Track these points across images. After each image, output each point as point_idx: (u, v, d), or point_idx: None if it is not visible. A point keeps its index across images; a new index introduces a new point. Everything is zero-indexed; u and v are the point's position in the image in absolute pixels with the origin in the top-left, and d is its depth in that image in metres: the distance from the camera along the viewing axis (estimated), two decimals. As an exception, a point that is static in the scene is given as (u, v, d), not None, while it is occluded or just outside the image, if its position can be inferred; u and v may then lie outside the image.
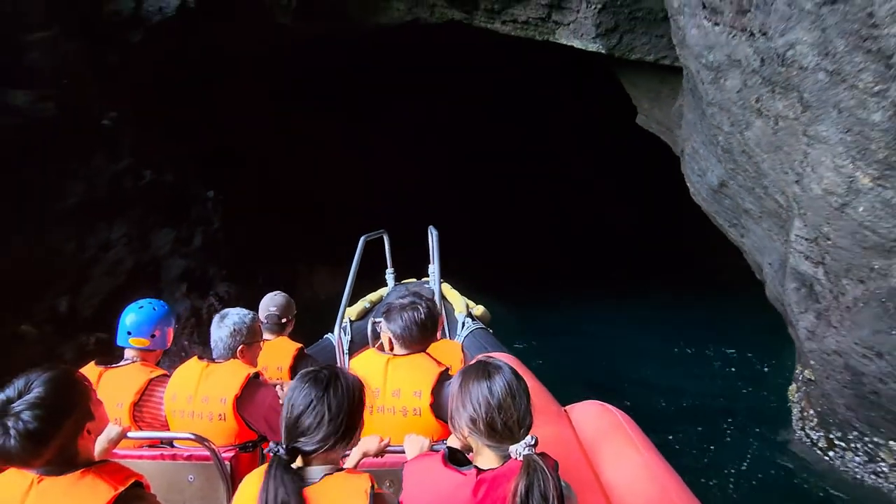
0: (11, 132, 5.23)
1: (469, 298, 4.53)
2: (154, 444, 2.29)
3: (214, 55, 7.18)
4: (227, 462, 2.08)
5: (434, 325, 2.24)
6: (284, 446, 1.39)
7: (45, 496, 1.37)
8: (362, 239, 4.31)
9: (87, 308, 5.51)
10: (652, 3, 5.73)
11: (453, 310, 4.21)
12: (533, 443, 1.36)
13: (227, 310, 2.46)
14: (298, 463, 1.43)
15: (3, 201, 5.10)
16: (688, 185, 5.57)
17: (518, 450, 1.36)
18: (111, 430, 1.95)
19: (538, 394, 2.42)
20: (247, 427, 2.22)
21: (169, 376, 2.36)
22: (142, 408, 2.31)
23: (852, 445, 4.03)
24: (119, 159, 6.34)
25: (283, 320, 3.10)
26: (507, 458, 1.39)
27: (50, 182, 5.58)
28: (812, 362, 4.04)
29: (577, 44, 6.51)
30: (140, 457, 2.12)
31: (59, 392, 1.40)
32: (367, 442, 1.84)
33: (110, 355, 2.53)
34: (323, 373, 1.49)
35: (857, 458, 4.01)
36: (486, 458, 1.43)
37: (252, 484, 1.42)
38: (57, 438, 1.38)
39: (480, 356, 1.64)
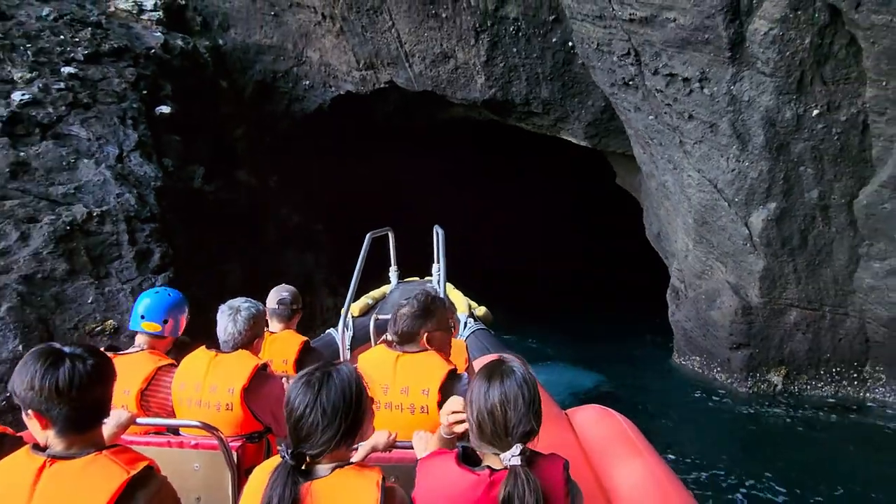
0: (243, 195, 8.80)
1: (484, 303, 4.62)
2: (160, 430, 2.27)
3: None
4: (234, 452, 2.05)
5: (427, 315, 2.19)
6: (289, 452, 1.38)
7: (59, 479, 1.34)
8: (368, 236, 4.39)
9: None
10: (619, 123, 9.32)
11: (455, 310, 4.16)
12: (519, 452, 1.34)
13: (235, 301, 2.42)
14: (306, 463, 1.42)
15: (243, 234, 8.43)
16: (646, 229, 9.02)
17: (506, 458, 1.35)
18: (120, 415, 1.94)
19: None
20: (253, 418, 2.21)
21: (176, 365, 2.35)
22: (148, 396, 2.30)
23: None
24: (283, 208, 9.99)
25: (294, 307, 3.13)
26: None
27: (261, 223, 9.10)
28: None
29: (573, 140, 10.07)
30: (147, 443, 2.10)
31: (101, 366, 1.45)
32: (377, 437, 1.83)
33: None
34: (315, 375, 1.45)
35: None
36: (490, 459, 1.42)
37: (260, 480, 1.41)
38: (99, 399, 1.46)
39: (497, 356, 1.65)
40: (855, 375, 5.67)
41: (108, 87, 6.92)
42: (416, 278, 5.36)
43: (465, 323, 4.18)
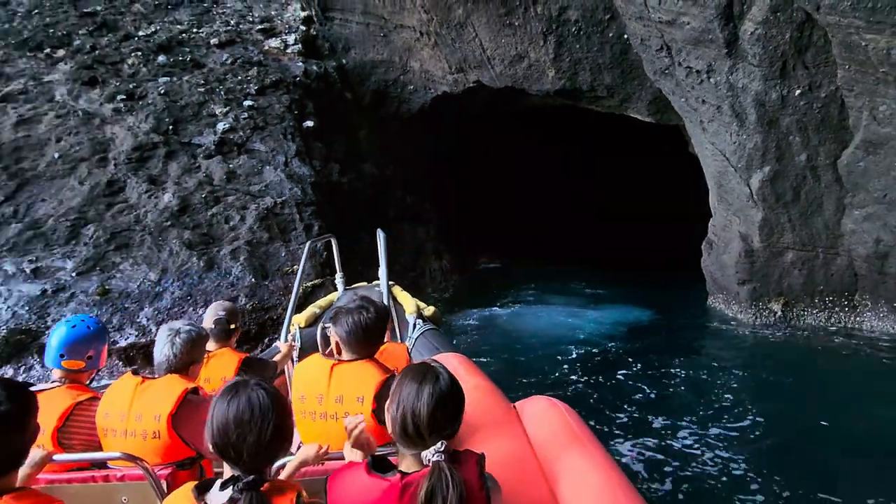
0: (368, 182, 11.47)
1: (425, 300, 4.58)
2: (84, 466, 2.15)
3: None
4: (163, 480, 1.98)
5: (382, 330, 2.21)
6: (243, 481, 1.31)
7: None
8: (308, 244, 4.46)
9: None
10: (675, 100, 10.64)
11: (404, 311, 4.20)
12: (442, 449, 1.35)
13: (176, 323, 2.34)
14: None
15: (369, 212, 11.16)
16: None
17: (427, 455, 1.35)
18: (34, 455, 1.85)
19: (488, 392, 2.59)
20: (183, 444, 2.12)
21: (98, 398, 2.24)
22: (69, 432, 2.17)
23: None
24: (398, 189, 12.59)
25: (232, 326, 3.04)
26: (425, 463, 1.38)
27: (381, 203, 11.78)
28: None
29: (639, 117, 11.55)
30: (69, 480, 2.02)
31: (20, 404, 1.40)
32: (306, 450, 1.81)
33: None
34: (226, 391, 1.40)
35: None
36: (408, 462, 1.42)
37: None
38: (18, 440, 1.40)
39: (425, 359, 1.65)
40: (846, 303, 6.90)
41: (273, 112, 9.80)
42: (364, 283, 5.51)
43: (414, 324, 4.05)
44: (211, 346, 2.90)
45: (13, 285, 6.30)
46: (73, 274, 6.59)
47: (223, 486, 1.32)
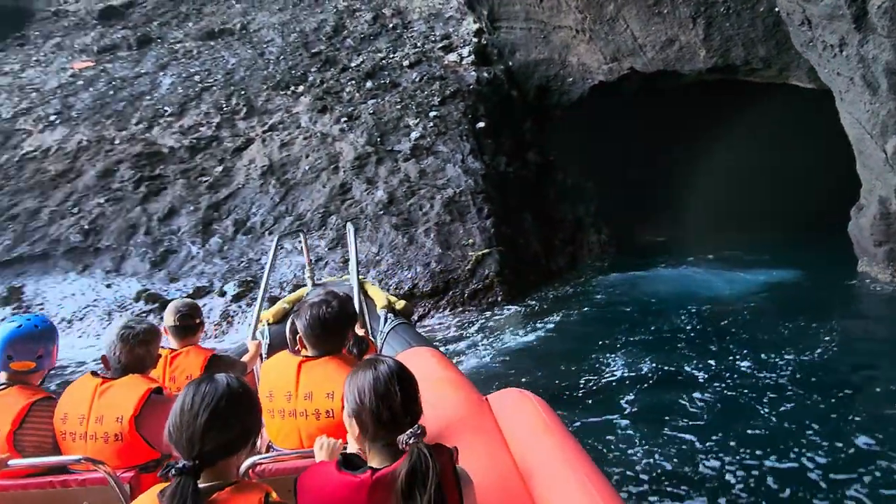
0: (532, 169, 13.33)
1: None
2: (40, 471, 2.04)
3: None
4: (126, 483, 1.93)
5: (343, 324, 2.17)
6: (178, 465, 1.26)
7: None
8: (275, 239, 4.35)
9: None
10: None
11: (375, 306, 4.20)
12: (419, 431, 1.34)
13: (130, 320, 2.27)
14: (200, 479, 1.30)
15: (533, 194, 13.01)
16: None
17: (404, 439, 1.34)
18: None
19: (459, 384, 2.60)
20: (147, 446, 2.06)
21: (55, 398, 2.16)
22: (24, 435, 2.08)
23: None
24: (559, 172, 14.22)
25: (197, 321, 2.99)
26: (398, 455, 1.36)
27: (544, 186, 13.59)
28: None
29: (800, 84, 11.57)
30: (25, 486, 1.96)
31: None
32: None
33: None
34: (192, 383, 1.38)
35: None
36: (379, 457, 1.40)
37: None
38: None
39: (369, 356, 1.63)
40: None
41: (452, 119, 12.18)
42: (334, 278, 5.50)
43: (386, 318, 4.04)
44: (175, 344, 2.90)
45: (292, 258, 9.58)
46: (326, 249, 9.69)
47: (161, 474, 1.26)
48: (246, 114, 13.28)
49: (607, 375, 6.01)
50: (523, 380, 5.95)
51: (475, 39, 14.82)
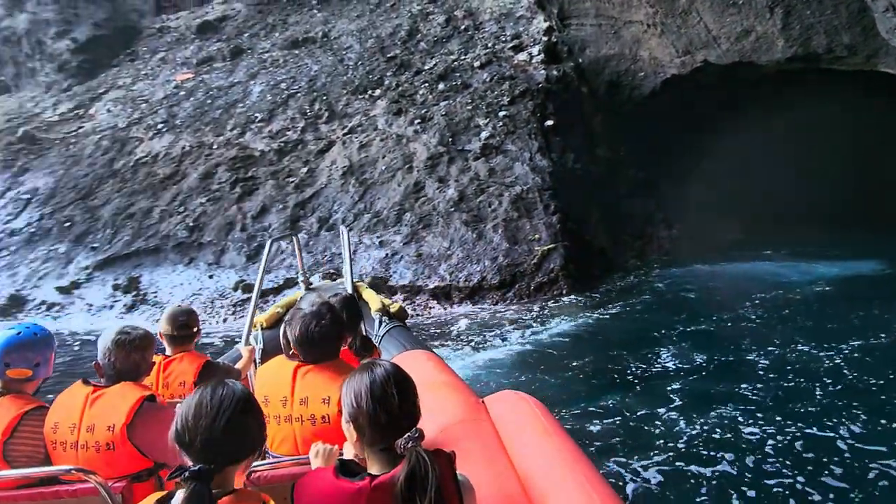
0: (601, 164, 13.48)
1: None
2: (29, 481, 2.00)
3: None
4: (118, 494, 1.91)
5: (333, 337, 2.16)
6: (190, 470, 1.25)
7: None
8: (269, 242, 4.34)
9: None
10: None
11: (370, 309, 4.17)
12: (416, 435, 1.32)
13: (124, 326, 2.24)
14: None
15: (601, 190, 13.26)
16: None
17: (402, 443, 1.32)
18: None
19: (456, 387, 2.59)
20: (140, 455, 2.03)
21: (46, 408, 2.12)
22: (14, 446, 2.05)
23: None
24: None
25: (195, 329, 2.98)
26: (397, 460, 1.34)
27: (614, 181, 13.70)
28: None
29: (889, 70, 11.02)
30: (15, 498, 1.94)
31: None
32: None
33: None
34: (200, 389, 1.36)
35: None
36: (377, 463, 1.37)
37: None
38: None
39: (371, 360, 1.60)
40: None
41: (520, 118, 12.54)
42: (328, 281, 5.59)
43: (381, 321, 4.02)
44: (169, 350, 2.90)
45: (370, 252, 10.36)
46: (402, 244, 10.38)
47: (170, 477, 1.25)
48: (328, 118, 14.27)
49: (661, 360, 6.19)
50: (574, 363, 6.24)
51: (545, 38, 15.05)
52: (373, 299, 4.34)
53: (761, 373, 5.64)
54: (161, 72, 19.81)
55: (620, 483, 3.87)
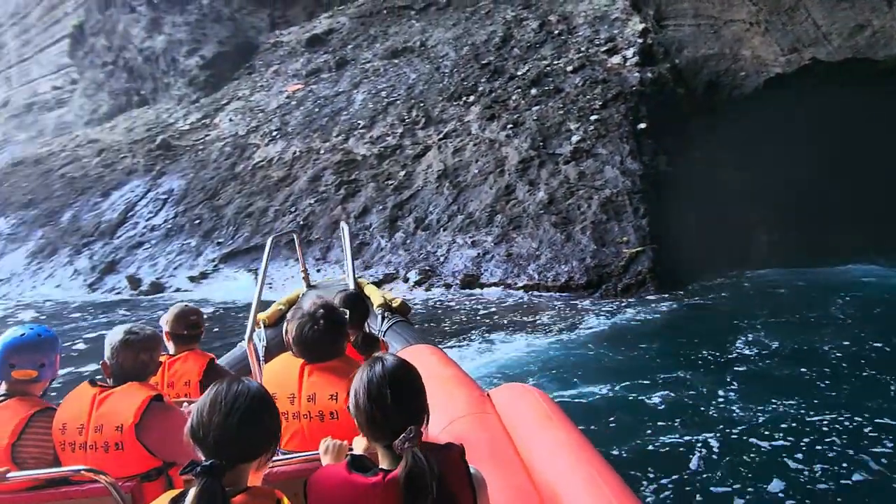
0: (695, 167, 13.30)
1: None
2: (39, 483, 2.02)
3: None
4: (128, 493, 1.94)
5: (334, 335, 2.14)
6: (202, 465, 1.24)
7: None
8: (270, 239, 4.40)
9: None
10: None
11: (372, 305, 4.16)
12: (412, 435, 1.30)
13: (132, 326, 2.24)
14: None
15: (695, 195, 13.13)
16: None
17: (398, 444, 1.31)
18: None
19: (461, 380, 2.61)
20: (149, 454, 2.05)
21: (54, 409, 2.13)
22: (23, 447, 2.06)
23: None
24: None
25: (202, 328, 3.02)
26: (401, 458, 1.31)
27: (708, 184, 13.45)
28: None
29: None
30: (25, 499, 1.97)
31: None
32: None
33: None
34: (216, 385, 1.37)
35: None
36: (387, 458, 1.37)
37: None
38: None
39: (377, 354, 1.58)
40: None
41: (612, 121, 12.65)
42: (329, 279, 5.26)
43: (383, 317, 4.05)
44: (173, 349, 2.91)
45: (462, 251, 10.99)
46: (492, 244, 10.92)
47: (182, 472, 1.25)
48: (424, 124, 15.10)
49: (739, 352, 6.40)
50: (646, 356, 6.56)
51: (640, 40, 14.97)
52: (375, 295, 4.32)
53: (840, 367, 5.67)
54: (275, 83, 21.69)
55: (668, 450, 4.16)
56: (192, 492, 1.20)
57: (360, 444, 1.48)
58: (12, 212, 19.75)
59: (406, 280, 10.90)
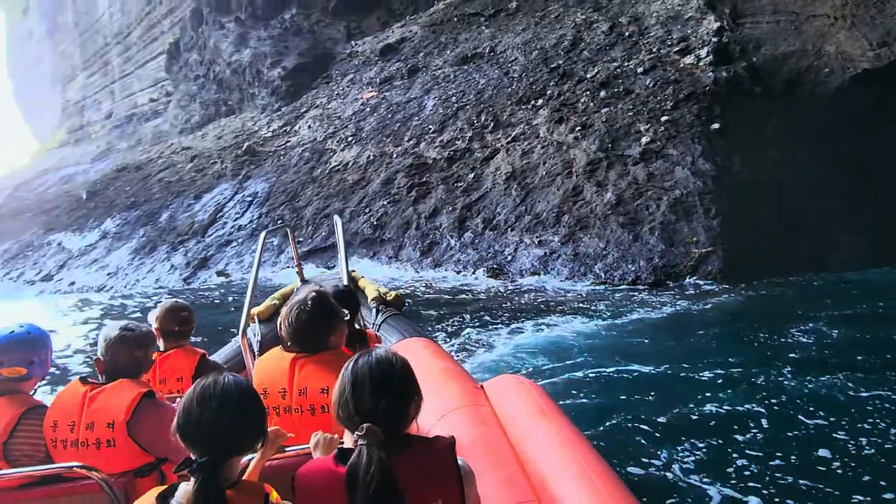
0: (769, 164, 12.96)
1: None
2: (31, 480, 2.00)
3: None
4: (120, 489, 1.94)
5: (324, 323, 2.15)
6: (196, 462, 1.26)
7: None
8: (262, 234, 4.37)
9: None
10: None
11: (366, 298, 4.19)
12: (363, 433, 1.30)
13: (126, 323, 2.23)
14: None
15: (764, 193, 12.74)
16: None
17: (353, 439, 1.33)
18: None
19: (455, 373, 2.64)
20: (141, 450, 2.05)
21: (45, 407, 2.14)
22: (14, 445, 2.07)
23: None
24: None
25: (193, 324, 3.03)
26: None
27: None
28: None
29: None
30: (17, 497, 1.96)
31: None
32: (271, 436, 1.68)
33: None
34: (201, 381, 1.37)
35: None
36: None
37: None
38: None
39: (373, 347, 1.55)
40: None
41: (684, 122, 12.51)
42: (324, 272, 5.11)
43: (377, 310, 4.02)
44: (164, 345, 2.92)
45: (530, 250, 11.25)
46: (559, 243, 11.11)
47: (177, 470, 1.27)
48: (493, 127, 15.46)
49: (796, 339, 6.41)
50: (701, 341, 6.66)
51: (715, 38, 14.68)
52: (369, 288, 4.32)
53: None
54: (350, 91, 22.77)
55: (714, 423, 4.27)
56: (187, 488, 1.23)
57: (350, 438, 1.43)
58: (117, 213, 21.80)
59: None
